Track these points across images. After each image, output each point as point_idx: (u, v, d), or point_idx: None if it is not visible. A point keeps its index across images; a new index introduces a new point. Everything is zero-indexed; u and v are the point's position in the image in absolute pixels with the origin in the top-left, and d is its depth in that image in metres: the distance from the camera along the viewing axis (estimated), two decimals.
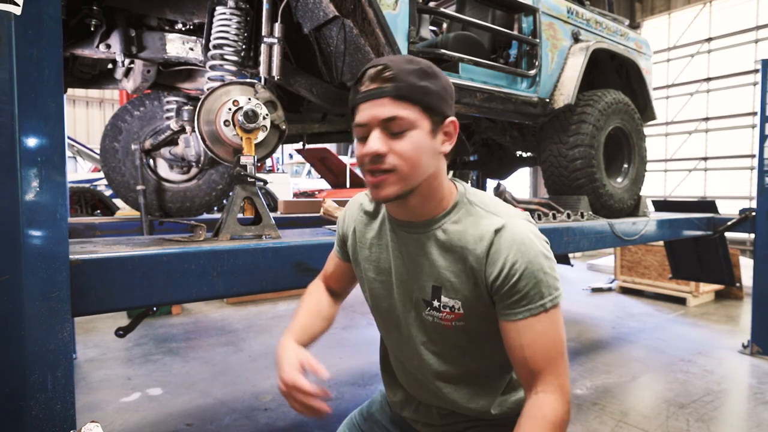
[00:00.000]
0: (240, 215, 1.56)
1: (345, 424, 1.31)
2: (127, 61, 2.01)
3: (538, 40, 2.48)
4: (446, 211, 0.97)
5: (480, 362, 1.05)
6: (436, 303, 0.98)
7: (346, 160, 8.78)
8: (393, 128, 0.88)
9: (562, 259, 4.77)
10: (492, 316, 0.96)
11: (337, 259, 1.23)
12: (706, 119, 9.33)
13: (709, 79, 9.26)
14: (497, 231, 0.92)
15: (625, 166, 3.07)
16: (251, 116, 1.57)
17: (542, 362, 0.92)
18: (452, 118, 0.95)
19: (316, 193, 9.24)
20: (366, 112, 0.89)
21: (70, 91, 7.53)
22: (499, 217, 0.94)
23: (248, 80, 1.69)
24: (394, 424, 1.24)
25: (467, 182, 4.40)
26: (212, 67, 1.78)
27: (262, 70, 1.73)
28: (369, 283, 1.11)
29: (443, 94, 0.92)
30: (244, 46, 1.81)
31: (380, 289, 1.09)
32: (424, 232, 0.99)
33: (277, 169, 10.25)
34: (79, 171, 8.33)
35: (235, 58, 1.77)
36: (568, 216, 2.47)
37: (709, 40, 9.21)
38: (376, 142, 0.88)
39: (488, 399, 1.07)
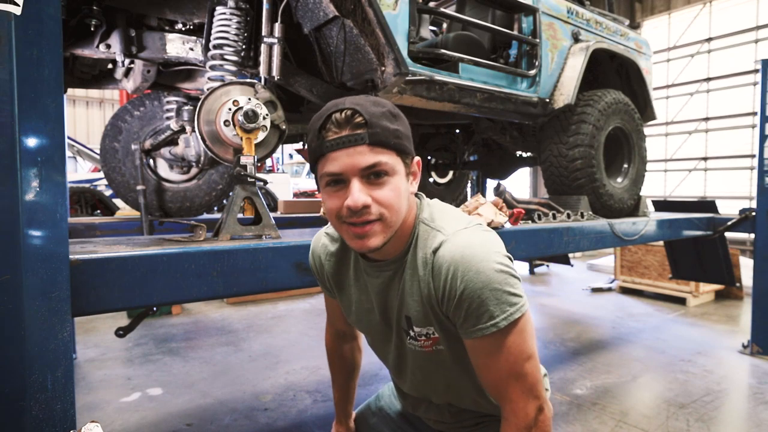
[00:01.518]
0: (240, 215, 1.56)
1: (353, 419, 1.35)
2: (127, 61, 2.01)
3: (538, 40, 2.48)
4: (408, 243, 0.95)
5: (471, 377, 1.04)
6: (412, 332, 0.98)
7: None
8: (373, 176, 0.84)
9: (562, 259, 4.77)
10: None
11: (328, 297, 1.23)
12: (706, 119, 9.32)
13: (709, 79, 9.25)
14: (435, 251, 0.89)
15: (625, 166, 3.07)
16: (251, 116, 1.57)
17: (495, 384, 0.89)
18: (417, 158, 0.94)
19: (316, 193, 9.22)
20: (341, 161, 0.83)
21: (70, 91, 7.53)
22: (441, 234, 0.90)
23: (248, 80, 1.69)
24: (403, 418, 1.26)
25: (467, 182, 4.39)
26: (212, 67, 1.78)
27: (262, 70, 1.73)
28: (354, 322, 1.12)
29: (409, 134, 0.90)
30: (244, 46, 1.80)
31: (366, 326, 1.10)
32: (393, 269, 0.97)
33: (277, 169, 10.25)
34: (79, 171, 8.32)
35: (235, 58, 1.77)
36: (568, 216, 2.47)
37: (709, 40, 9.20)
38: (360, 194, 0.83)
39: (492, 404, 1.07)
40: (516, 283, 0.86)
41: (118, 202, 5.63)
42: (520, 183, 12.10)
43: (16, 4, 0.92)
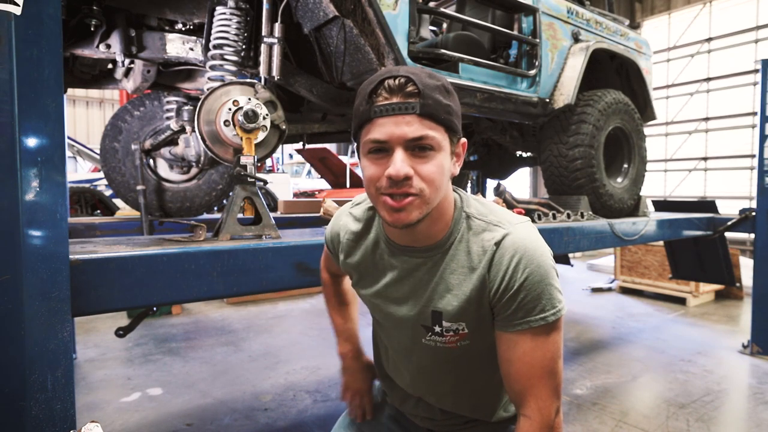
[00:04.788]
0: (240, 215, 1.56)
1: (340, 422, 1.30)
2: (127, 61, 2.01)
3: (538, 40, 2.48)
4: (449, 232, 0.92)
5: (483, 377, 1.02)
6: (437, 328, 0.94)
7: (346, 160, 8.78)
8: (418, 149, 0.81)
9: (562, 259, 4.77)
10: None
11: (332, 260, 1.18)
12: (706, 119, 9.33)
13: (709, 79, 9.26)
14: (498, 243, 0.88)
15: (625, 166, 3.07)
16: (251, 116, 1.57)
17: (526, 380, 0.88)
18: (464, 140, 0.92)
19: (316, 193, 9.23)
20: (387, 128, 0.80)
21: (70, 91, 7.53)
22: (501, 228, 0.89)
23: (248, 80, 1.69)
24: (391, 419, 1.24)
25: (467, 182, 4.41)
26: (212, 67, 1.77)
27: (262, 70, 1.73)
28: (367, 305, 1.09)
29: (459, 113, 0.88)
30: (244, 46, 1.80)
31: (378, 311, 1.06)
32: (427, 256, 0.93)
33: (277, 169, 10.25)
34: (79, 171, 8.32)
35: (235, 58, 1.77)
36: (568, 216, 2.47)
37: (709, 40, 9.20)
38: (403, 164, 0.80)
39: (490, 409, 1.06)
40: (560, 285, 0.90)
41: (118, 202, 5.63)
42: (520, 183, 12.11)
43: (16, 4, 0.92)
